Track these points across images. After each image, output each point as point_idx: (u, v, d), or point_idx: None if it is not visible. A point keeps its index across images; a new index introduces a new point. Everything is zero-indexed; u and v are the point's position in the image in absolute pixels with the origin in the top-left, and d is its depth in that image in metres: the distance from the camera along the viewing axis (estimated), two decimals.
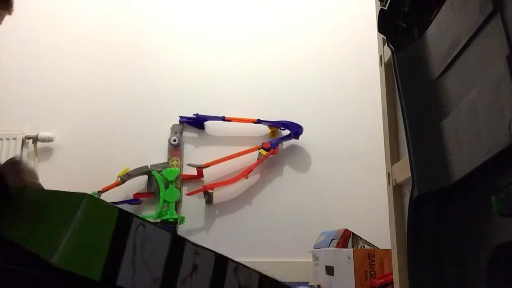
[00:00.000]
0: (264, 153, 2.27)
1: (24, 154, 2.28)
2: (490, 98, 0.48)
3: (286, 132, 2.35)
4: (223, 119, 2.31)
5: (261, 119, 2.31)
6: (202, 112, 2.35)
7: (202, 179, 2.30)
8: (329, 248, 1.66)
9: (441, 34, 0.62)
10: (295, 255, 2.15)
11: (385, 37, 0.83)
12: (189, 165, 2.28)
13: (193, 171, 2.29)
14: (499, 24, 0.47)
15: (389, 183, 0.90)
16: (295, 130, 2.31)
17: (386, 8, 0.77)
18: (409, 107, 0.68)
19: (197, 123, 2.38)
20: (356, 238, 1.61)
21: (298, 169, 2.37)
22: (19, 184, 0.74)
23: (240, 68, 2.46)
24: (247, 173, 2.24)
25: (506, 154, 0.45)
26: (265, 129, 2.37)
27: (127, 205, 2.17)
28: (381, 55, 0.95)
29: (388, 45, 0.77)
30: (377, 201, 1.48)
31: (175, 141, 2.33)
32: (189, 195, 2.26)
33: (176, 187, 2.23)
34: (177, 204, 2.25)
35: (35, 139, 2.31)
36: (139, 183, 2.28)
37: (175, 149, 2.33)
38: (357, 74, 2.38)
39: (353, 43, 2.42)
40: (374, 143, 1.56)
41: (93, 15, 2.51)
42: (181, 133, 2.37)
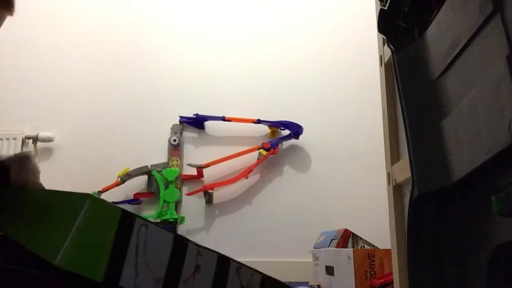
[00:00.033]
0: (264, 153, 2.27)
1: None
2: (490, 98, 0.48)
3: (286, 132, 2.35)
4: (223, 119, 2.31)
5: (261, 119, 2.31)
6: (202, 112, 2.35)
7: (202, 179, 2.30)
8: (329, 248, 1.66)
9: (441, 34, 0.62)
10: (295, 255, 2.15)
11: (385, 37, 0.83)
12: (189, 165, 2.28)
13: (193, 171, 2.29)
14: (499, 24, 0.47)
15: (389, 183, 0.90)
16: (295, 130, 2.31)
17: (386, 8, 0.77)
18: (409, 107, 0.68)
19: (197, 123, 2.38)
20: (356, 238, 1.61)
21: (298, 169, 2.37)
22: (21, 180, 0.74)
23: (240, 68, 2.46)
24: (247, 173, 2.24)
25: (506, 154, 0.45)
26: (265, 129, 2.37)
27: (127, 205, 2.16)
28: (381, 55, 0.95)
29: (388, 45, 0.77)
30: (377, 201, 1.47)
31: (175, 141, 2.33)
32: (189, 195, 2.26)
33: (176, 187, 2.23)
34: (177, 204, 2.25)
35: (35, 139, 2.31)
36: (139, 183, 2.28)
37: (175, 149, 2.33)
38: (357, 74, 2.38)
39: (353, 43, 2.42)
40: (374, 143, 1.55)
41: (93, 15, 2.51)
42: (181, 133, 2.37)
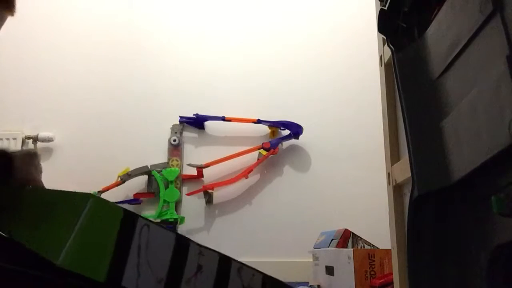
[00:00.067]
0: (264, 153, 2.27)
1: None
2: (490, 98, 0.48)
3: (286, 132, 2.35)
4: (223, 119, 2.31)
5: (261, 119, 2.31)
6: (202, 112, 2.35)
7: (202, 179, 2.30)
8: (329, 248, 1.66)
9: (441, 34, 0.62)
10: (295, 255, 2.15)
11: (385, 37, 0.83)
12: (189, 165, 2.28)
13: (193, 171, 2.29)
14: (499, 24, 0.47)
15: (389, 183, 0.90)
16: (295, 130, 2.31)
17: (386, 8, 0.77)
18: (409, 107, 0.68)
19: (197, 123, 2.38)
20: (356, 238, 1.61)
21: (298, 169, 2.36)
22: (24, 175, 0.74)
23: (240, 68, 2.46)
24: (247, 173, 2.24)
25: (506, 154, 0.45)
26: (265, 129, 2.37)
27: (127, 205, 2.16)
28: (381, 55, 0.95)
29: (388, 45, 0.77)
30: (377, 201, 1.47)
31: (175, 141, 2.33)
32: (189, 195, 2.26)
33: (176, 187, 2.23)
34: (177, 204, 2.25)
35: (35, 139, 2.31)
36: (139, 183, 2.28)
37: (175, 149, 2.33)
38: (357, 74, 2.38)
39: (353, 43, 2.42)
40: (374, 143, 1.55)
41: (93, 15, 2.51)
42: (181, 133, 2.37)
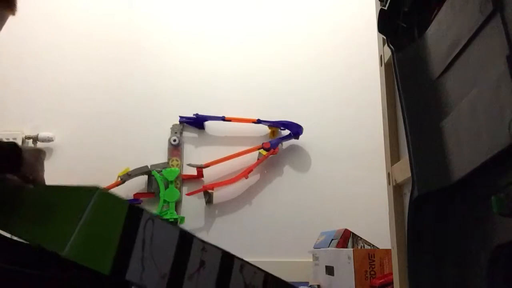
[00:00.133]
0: (264, 153, 2.27)
1: None
2: (490, 98, 0.48)
3: (286, 132, 2.35)
4: (223, 119, 2.31)
5: (261, 119, 2.31)
6: (202, 112, 2.35)
7: (202, 179, 2.30)
8: (329, 248, 1.66)
9: (441, 34, 0.62)
10: (295, 255, 2.15)
11: (385, 37, 0.83)
12: (189, 165, 2.28)
13: (193, 171, 2.28)
14: (499, 24, 0.47)
15: (389, 183, 0.90)
16: (295, 130, 2.31)
17: (386, 8, 0.77)
18: (409, 107, 0.68)
19: (197, 123, 2.37)
20: (356, 238, 1.61)
21: (298, 169, 2.36)
22: (32, 171, 0.75)
23: (240, 68, 2.46)
24: (247, 173, 2.24)
25: (506, 154, 0.45)
26: (265, 129, 2.37)
27: None
28: (381, 55, 0.95)
29: (388, 45, 0.77)
30: (377, 201, 1.47)
31: (175, 141, 2.33)
32: (189, 195, 2.26)
33: (176, 187, 2.23)
34: (177, 204, 2.25)
35: (35, 139, 2.30)
36: (139, 183, 2.28)
37: (175, 149, 2.33)
38: (357, 74, 2.38)
39: (353, 43, 2.42)
40: (374, 143, 1.55)
41: (93, 15, 2.51)
42: (181, 133, 2.37)
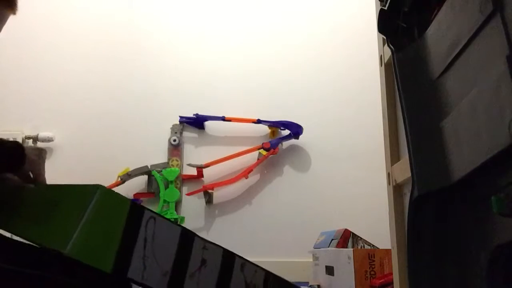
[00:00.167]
0: (264, 153, 2.27)
1: None
2: (490, 98, 0.48)
3: (286, 132, 2.35)
4: (223, 119, 2.31)
5: (261, 119, 2.31)
6: (202, 112, 2.35)
7: (202, 179, 2.30)
8: (329, 248, 1.66)
9: (441, 34, 0.62)
10: (295, 255, 2.15)
11: (385, 37, 0.83)
12: (189, 165, 2.28)
13: (193, 171, 2.28)
14: (499, 24, 0.47)
15: (389, 183, 0.90)
16: (295, 130, 2.31)
17: (386, 8, 0.77)
18: (409, 107, 0.68)
19: (197, 123, 2.37)
20: (356, 238, 1.61)
21: (298, 169, 2.36)
22: (35, 170, 0.75)
23: (240, 68, 2.46)
24: (247, 173, 2.24)
25: (506, 154, 0.45)
26: (265, 129, 2.37)
27: None
28: (381, 55, 0.95)
29: (388, 45, 0.77)
30: (377, 201, 1.47)
31: (175, 141, 2.33)
32: (189, 195, 2.26)
33: (176, 187, 2.23)
34: (177, 204, 2.25)
35: (35, 139, 2.30)
36: (139, 183, 2.28)
37: (175, 149, 2.33)
38: (357, 74, 2.38)
39: (353, 43, 2.42)
40: (374, 143, 1.55)
41: (93, 14, 2.51)
42: (181, 133, 2.37)
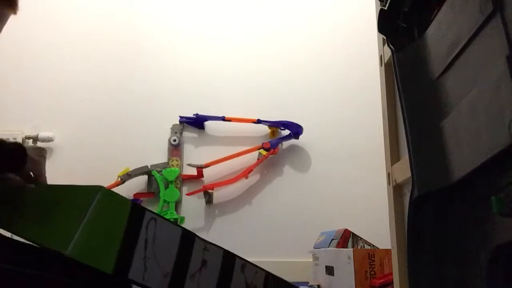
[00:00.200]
0: (264, 153, 2.27)
1: None
2: (490, 98, 0.48)
3: (286, 132, 2.35)
4: (223, 119, 2.31)
5: (261, 119, 2.31)
6: (202, 112, 2.35)
7: (202, 179, 2.30)
8: (329, 248, 1.66)
9: (441, 34, 0.62)
10: (295, 255, 2.15)
11: (385, 37, 0.83)
12: (189, 165, 2.28)
13: (193, 171, 2.28)
14: (499, 24, 0.47)
15: (389, 183, 0.90)
16: (295, 130, 2.31)
17: (386, 8, 0.77)
18: (409, 107, 0.68)
19: (197, 123, 2.37)
20: (356, 238, 1.61)
21: (298, 169, 2.36)
22: (36, 169, 0.75)
23: (240, 68, 2.46)
24: (247, 173, 2.24)
25: (506, 154, 0.45)
26: (265, 129, 2.37)
27: None
28: (381, 55, 0.95)
29: (388, 45, 0.77)
30: (377, 201, 1.47)
31: (175, 141, 2.33)
32: (189, 195, 2.26)
33: (176, 187, 2.23)
34: (177, 204, 2.25)
35: (35, 139, 2.30)
36: (139, 183, 2.28)
37: (175, 149, 2.33)
38: (357, 74, 2.38)
39: (353, 43, 2.42)
40: (374, 143, 1.55)
41: (93, 14, 2.51)
42: (181, 133, 2.37)
